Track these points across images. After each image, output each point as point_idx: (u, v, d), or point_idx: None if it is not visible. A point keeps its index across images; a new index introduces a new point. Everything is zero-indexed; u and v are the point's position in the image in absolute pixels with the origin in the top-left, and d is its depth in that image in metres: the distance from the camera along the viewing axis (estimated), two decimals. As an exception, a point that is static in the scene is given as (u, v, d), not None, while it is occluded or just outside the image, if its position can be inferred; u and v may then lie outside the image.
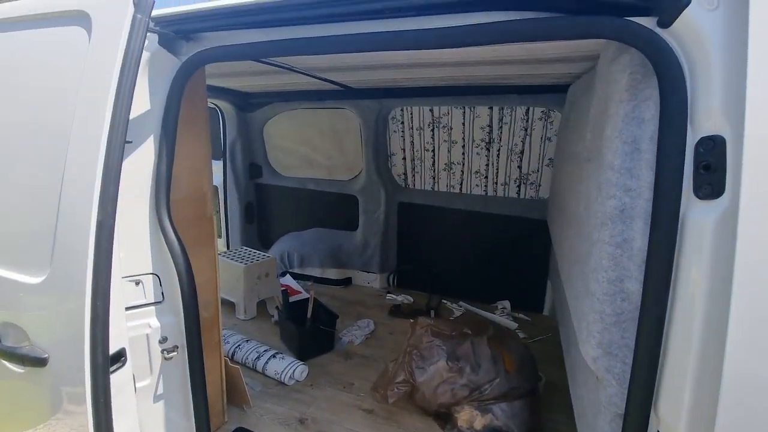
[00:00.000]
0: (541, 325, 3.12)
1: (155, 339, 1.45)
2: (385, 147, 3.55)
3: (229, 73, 2.60)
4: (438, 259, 3.60)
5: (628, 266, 0.98)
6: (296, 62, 2.18)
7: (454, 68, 2.23)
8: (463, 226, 3.45)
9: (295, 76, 2.61)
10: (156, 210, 1.40)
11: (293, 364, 2.30)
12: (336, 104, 3.46)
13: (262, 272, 3.10)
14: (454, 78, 2.59)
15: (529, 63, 2.02)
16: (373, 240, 3.71)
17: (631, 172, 0.98)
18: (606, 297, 1.02)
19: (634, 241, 0.97)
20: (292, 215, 4.11)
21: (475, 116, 3.13)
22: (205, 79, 1.65)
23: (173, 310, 1.47)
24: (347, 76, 2.60)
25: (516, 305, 3.35)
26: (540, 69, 2.18)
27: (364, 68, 2.29)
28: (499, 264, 3.38)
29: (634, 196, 0.97)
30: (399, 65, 2.18)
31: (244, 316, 3.02)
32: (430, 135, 3.34)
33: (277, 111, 3.76)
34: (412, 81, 2.78)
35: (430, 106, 3.22)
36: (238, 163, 3.97)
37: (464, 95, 3.01)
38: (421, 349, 1.92)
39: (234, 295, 3.08)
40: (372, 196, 3.64)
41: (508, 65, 2.08)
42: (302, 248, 3.85)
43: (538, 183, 3.16)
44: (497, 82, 2.69)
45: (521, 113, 3.00)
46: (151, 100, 1.37)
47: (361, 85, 3.02)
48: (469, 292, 3.50)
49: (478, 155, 3.25)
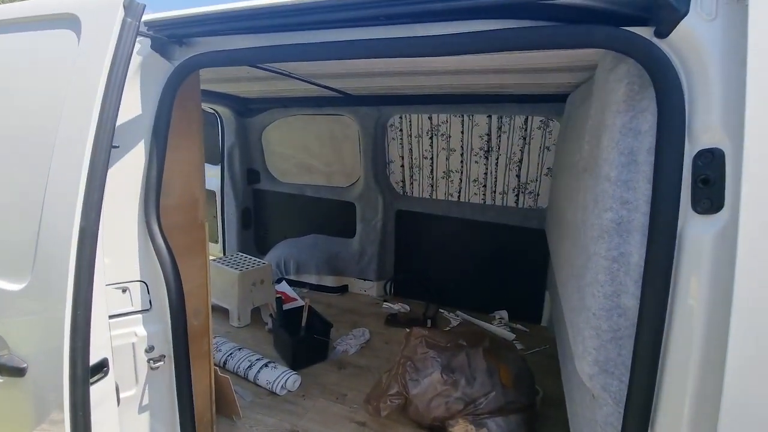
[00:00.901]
0: (538, 336, 3.07)
1: (141, 348, 1.41)
2: (383, 154, 3.53)
3: (227, 79, 2.60)
4: (435, 268, 3.57)
5: (625, 281, 0.95)
6: (294, 69, 2.17)
7: (452, 76, 2.22)
8: (461, 234, 3.42)
9: (293, 82, 2.60)
10: (145, 216, 1.37)
11: (285, 374, 2.26)
12: (335, 111, 3.45)
13: (257, 279, 3.06)
14: (452, 86, 2.58)
15: (527, 72, 2.01)
16: (370, 248, 3.68)
17: (627, 185, 0.96)
18: (602, 312, 0.99)
19: (631, 256, 0.95)
20: (290, 221, 4.08)
21: (473, 124, 3.12)
22: (199, 83, 1.63)
23: (161, 319, 1.43)
24: (346, 83, 2.59)
25: (514, 315, 3.31)
26: (538, 78, 2.17)
27: (362, 75, 2.28)
28: (497, 273, 3.34)
29: (631, 209, 0.95)
30: (397, 73, 2.17)
31: (238, 324, 2.98)
32: (429, 143, 3.33)
33: (275, 117, 3.76)
34: (410, 88, 2.77)
35: (429, 113, 3.21)
36: (236, 168, 3.95)
37: (463, 103, 3.00)
38: (415, 360, 1.88)
39: (228, 301, 3.04)
40: (370, 203, 3.62)
41: (506, 74, 2.07)
42: (299, 255, 3.82)
43: (536, 192, 3.14)
44: (496, 90, 2.68)
45: (520, 122, 2.99)
46: (142, 104, 1.35)
47: (360, 92, 3.01)
48: (467, 302, 3.46)
49: (476, 163, 3.24)
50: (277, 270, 3.88)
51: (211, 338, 1.80)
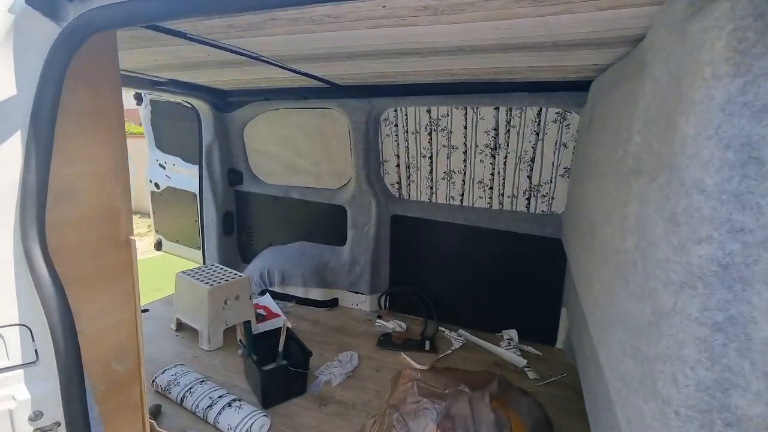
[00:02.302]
0: (554, 361, 2.67)
1: (23, 415, 1.04)
2: (376, 152, 3.14)
3: (190, 65, 2.22)
4: (435, 280, 3.17)
5: (740, 367, 0.56)
6: (261, 50, 1.80)
7: (452, 58, 1.83)
8: (464, 243, 3.02)
9: (269, 70, 2.22)
10: (22, 236, 0.99)
11: (251, 417, 1.88)
12: (322, 104, 3.07)
13: (231, 294, 2.69)
14: (452, 72, 2.18)
15: (544, 49, 1.61)
16: (362, 257, 3.29)
17: (741, 199, 0.56)
18: (693, 414, 0.59)
19: (751, 324, 0.55)
20: (275, 227, 3.71)
21: (478, 118, 2.72)
22: (116, 55, 1.25)
23: (53, 374, 1.06)
24: (327, 69, 2.20)
25: (524, 336, 2.90)
26: (557, 58, 1.76)
27: (343, 57, 1.89)
28: (505, 288, 2.94)
29: (749, 242, 0.55)
30: (384, 53, 1.78)
31: (209, 347, 2.61)
32: (428, 139, 2.94)
33: (257, 111, 3.38)
34: (404, 76, 2.38)
35: (427, 106, 2.82)
36: (216, 168, 3.59)
37: (466, 93, 2.60)
38: (404, 412, 1.49)
39: (197, 321, 2.67)
40: (362, 207, 3.23)
41: (517, 53, 1.68)
42: (284, 264, 3.44)
43: (551, 196, 2.73)
44: (504, 78, 2.28)
45: (532, 115, 2.58)
46: (17, 81, 0.98)
47: (348, 81, 2.62)
48: (471, 319, 3.06)
49: (481, 163, 2.84)
50: (260, 281, 3.50)
51: (143, 385, 1.43)
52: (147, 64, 2.23)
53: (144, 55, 2.01)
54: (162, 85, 2.75)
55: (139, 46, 1.75)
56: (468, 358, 2.66)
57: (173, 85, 2.78)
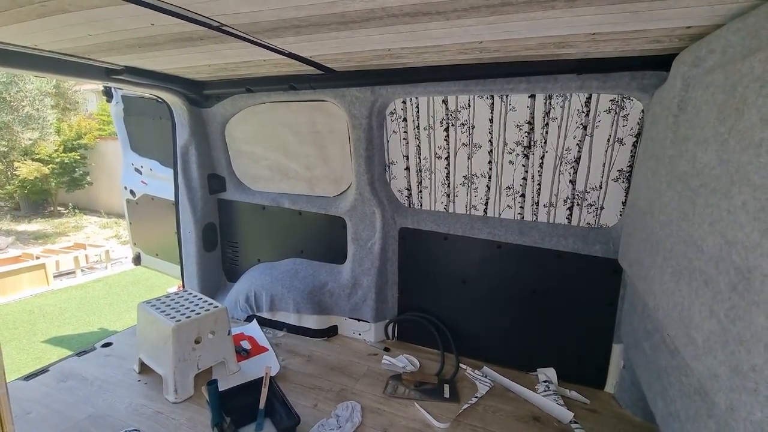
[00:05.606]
0: (606, 410, 2.13)
1: None
2: (381, 153, 2.61)
3: (140, 44, 1.70)
4: (453, 307, 2.64)
5: None
6: (219, 13, 1.28)
7: (485, 21, 1.30)
8: (489, 262, 2.49)
9: (247, 49, 1.71)
10: None
11: None
12: (314, 95, 2.54)
13: (204, 331, 2.17)
14: (481, 47, 1.65)
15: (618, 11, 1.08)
16: (365, 278, 2.77)
17: None
18: None
19: None
20: (264, 241, 3.19)
21: (508, 109, 2.19)
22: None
23: None
24: (317, 47, 1.67)
25: (564, 376, 2.37)
26: (638, 18, 1.23)
27: (334, 25, 1.37)
28: (541, 317, 2.41)
29: None
30: (393, 13, 1.26)
31: (175, 397, 2.09)
32: (444, 136, 2.40)
33: (240, 106, 2.86)
34: (416, 56, 1.85)
35: (444, 95, 2.28)
36: (193, 174, 3.07)
37: (494, 77, 2.07)
38: None
39: (160, 365, 2.16)
40: (364, 218, 2.71)
41: (587, 7, 1.15)
42: (274, 286, 2.92)
43: (599, 205, 2.19)
44: (550, 54, 1.75)
45: (578, 104, 2.04)
46: None
47: (345, 65, 2.10)
48: (497, 354, 2.53)
49: (511, 164, 2.30)
50: (246, 305, 2.99)
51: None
52: (83, 42, 1.72)
53: (73, 30, 1.51)
54: (118, 74, 2.23)
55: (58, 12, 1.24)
56: (499, 409, 2.13)
57: (132, 74, 2.26)
